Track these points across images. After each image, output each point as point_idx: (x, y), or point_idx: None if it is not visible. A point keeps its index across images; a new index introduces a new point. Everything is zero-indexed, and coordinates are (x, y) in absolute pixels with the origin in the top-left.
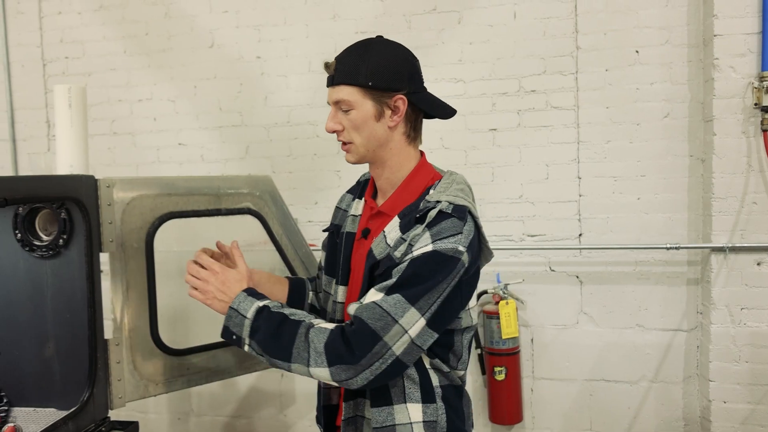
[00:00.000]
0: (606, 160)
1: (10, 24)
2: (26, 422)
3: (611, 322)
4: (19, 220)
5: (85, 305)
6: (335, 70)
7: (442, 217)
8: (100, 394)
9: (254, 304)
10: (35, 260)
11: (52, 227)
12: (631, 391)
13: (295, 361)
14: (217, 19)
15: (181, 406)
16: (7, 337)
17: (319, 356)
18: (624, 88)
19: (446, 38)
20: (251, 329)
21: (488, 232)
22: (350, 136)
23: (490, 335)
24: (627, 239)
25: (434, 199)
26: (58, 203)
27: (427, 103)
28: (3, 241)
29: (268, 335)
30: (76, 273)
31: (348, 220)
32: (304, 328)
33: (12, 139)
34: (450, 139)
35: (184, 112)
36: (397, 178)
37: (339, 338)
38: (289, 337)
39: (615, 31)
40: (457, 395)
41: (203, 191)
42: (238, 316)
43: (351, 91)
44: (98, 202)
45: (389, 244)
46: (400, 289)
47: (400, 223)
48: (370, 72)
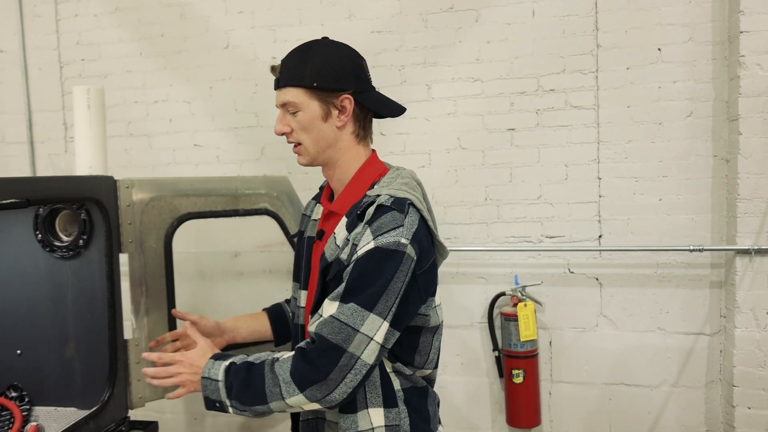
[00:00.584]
0: (627, 161)
1: (27, 27)
2: (48, 421)
3: (631, 325)
4: (39, 221)
5: (105, 306)
6: (280, 72)
7: (381, 211)
8: (120, 394)
9: (222, 366)
10: (56, 261)
11: (72, 228)
12: (652, 395)
13: (271, 400)
14: (233, 20)
15: (197, 407)
16: (28, 338)
17: (288, 385)
18: (645, 86)
19: (463, 37)
20: (226, 389)
21: (506, 234)
22: (299, 137)
23: (508, 338)
24: (648, 241)
25: (375, 193)
26: (78, 204)
27: (374, 102)
28: (24, 242)
29: (242, 387)
30: (96, 273)
31: (309, 225)
32: (268, 365)
33: (30, 142)
34: (467, 140)
35: (200, 114)
36: (347, 177)
37: (301, 361)
38: (258, 380)
39: (636, 28)
40: (421, 396)
41: (221, 192)
42: (212, 383)
43: (296, 92)
44: (118, 202)
45: (338, 245)
46: (353, 296)
47: (347, 222)
48: (314, 73)
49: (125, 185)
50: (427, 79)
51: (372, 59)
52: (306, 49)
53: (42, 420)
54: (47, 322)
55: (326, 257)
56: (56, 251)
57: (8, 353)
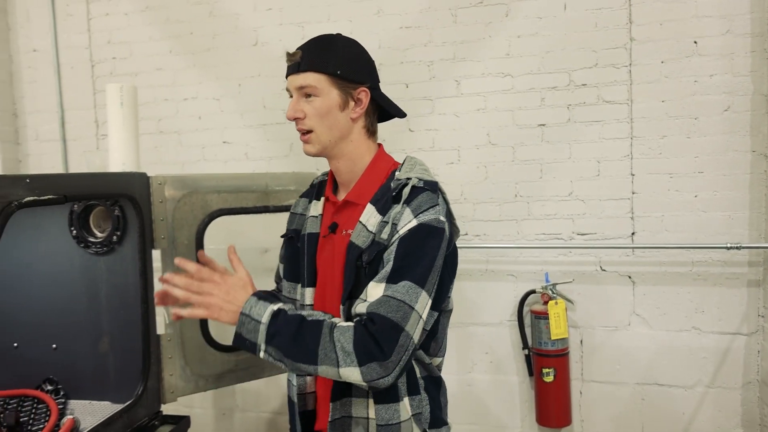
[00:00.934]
0: (661, 156)
1: (59, 26)
2: (82, 415)
3: (665, 325)
4: (74, 217)
5: (138, 301)
6: (302, 57)
7: (416, 191)
8: (153, 389)
9: (268, 308)
10: (90, 256)
11: (106, 224)
12: (686, 396)
13: (322, 363)
14: (261, 17)
15: (226, 402)
16: (63, 332)
17: (348, 356)
18: (681, 80)
19: (493, 32)
20: (267, 334)
21: (537, 231)
22: (312, 124)
23: (539, 336)
24: (683, 239)
25: (403, 177)
26: (111, 200)
27: (384, 99)
28: (59, 238)
29: (289, 339)
30: (129, 269)
31: (308, 222)
32: (327, 327)
33: (62, 139)
34: (497, 136)
35: (229, 111)
36: (359, 169)
37: (366, 335)
38: (311, 338)
39: (671, 21)
40: (435, 386)
41: (251, 188)
42: (252, 322)
43: (319, 78)
44: (151, 199)
45: (371, 231)
46: (404, 274)
47: (377, 207)
48: (338, 61)
49: (158, 182)
50: (456, 74)
51: (400, 55)
52: (327, 39)
53: (77, 413)
54: (82, 317)
55: (357, 245)
56: (90, 247)
57: (44, 347)
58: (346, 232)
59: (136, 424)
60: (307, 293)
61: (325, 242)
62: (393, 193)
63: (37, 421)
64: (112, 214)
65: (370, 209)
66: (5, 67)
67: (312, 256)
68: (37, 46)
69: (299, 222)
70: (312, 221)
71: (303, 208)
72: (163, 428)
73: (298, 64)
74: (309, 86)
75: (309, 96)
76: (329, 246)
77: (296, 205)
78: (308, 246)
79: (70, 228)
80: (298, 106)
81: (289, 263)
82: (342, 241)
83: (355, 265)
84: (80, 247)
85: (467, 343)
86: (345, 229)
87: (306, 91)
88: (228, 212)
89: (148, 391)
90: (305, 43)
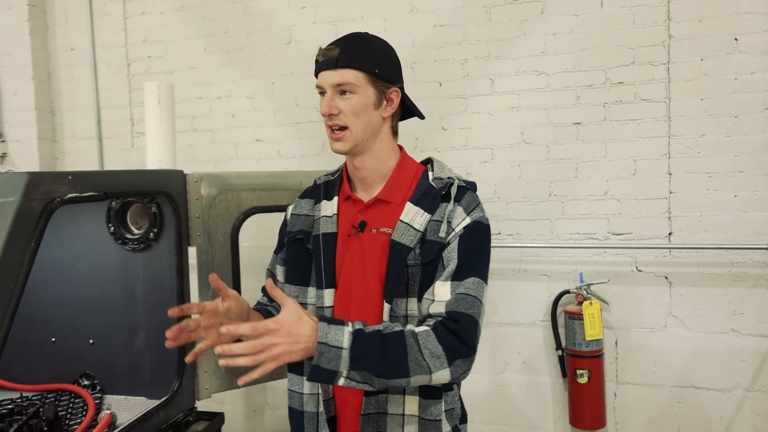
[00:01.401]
0: (700, 155)
1: (96, 25)
2: (119, 410)
3: (703, 327)
4: (112, 214)
5: (174, 297)
6: (340, 53)
7: (462, 191)
8: (188, 385)
9: (344, 331)
10: (127, 253)
11: (143, 221)
12: (724, 399)
13: (414, 374)
14: (295, 16)
15: (257, 399)
16: (100, 328)
17: (438, 359)
18: (721, 78)
19: (528, 29)
20: (351, 359)
21: (571, 230)
22: (347, 121)
23: (573, 336)
24: (722, 239)
25: (444, 176)
26: (149, 198)
27: (409, 100)
28: (97, 234)
29: (377, 358)
30: (166, 266)
31: (320, 223)
32: (410, 337)
33: (98, 137)
34: (531, 134)
35: (262, 109)
36: (386, 169)
37: (449, 336)
38: (398, 352)
39: (711, 17)
40: (456, 383)
41: (286, 186)
42: (331, 350)
43: (357, 75)
44: (187, 196)
45: (418, 228)
46: (470, 270)
47: (422, 206)
48: (376, 60)
49: (194, 179)
50: (490, 72)
51: (434, 53)
52: (362, 37)
53: (113, 408)
54: (118, 313)
55: (404, 244)
56: (127, 244)
57: (82, 342)
58: (378, 230)
59: (171, 419)
60: (327, 295)
61: (349, 241)
62: (442, 192)
63: (74, 416)
64: (149, 211)
65: (413, 208)
66: (43, 65)
67: (331, 256)
68: (75, 45)
69: (305, 223)
70: (326, 221)
71: (308, 209)
72: (197, 425)
73: (336, 60)
74: (347, 83)
75: (345, 93)
76: (356, 245)
77: (297, 206)
78: (326, 246)
79: (107, 225)
80: (333, 102)
81: (294, 266)
82: (374, 240)
83: (403, 264)
84: (117, 244)
85: (499, 343)
86: (375, 228)
87: (343, 88)
88: (262, 210)
89: (184, 388)
90: (339, 40)
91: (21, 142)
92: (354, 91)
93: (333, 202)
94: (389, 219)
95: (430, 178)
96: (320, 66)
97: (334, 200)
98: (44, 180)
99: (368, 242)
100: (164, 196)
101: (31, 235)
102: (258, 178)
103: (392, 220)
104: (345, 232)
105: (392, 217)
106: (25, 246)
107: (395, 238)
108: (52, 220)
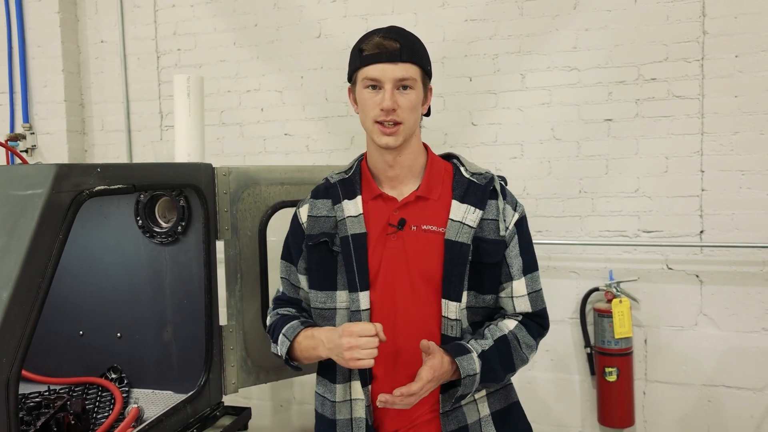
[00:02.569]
0: (733, 153)
1: (127, 18)
2: (146, 404)
3: (734, 326)
4: (140, 207)
5: (202, 291)
6: (402, 48)
7: (502, 186)
8: (215, 379)
9: (473, 358)
10: (155, 246)
11: (171, 215)
12: (755, 399)
13: (518, 367)
14: (325, 9)
15: (284, 394)
16: (128, 321)
17: (532, 348)
18: (756, 75)
19: (560, 25)
20: (481, 376)
21: (601, 228)
22: (405, 116)
23: (602, 334)
24: (755, 237)
25: (481, 171)
26: (177, 191)
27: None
28: (126, 228)
29: (497, 369)
30: (194, 260)
31: (345, 224)
32: (514, 339)
33: (127, 130)
34: (562, 130)
35: (291, 103)
36: (418, 165)
37: (537, 327)
38: (508, 355)
39: (747, 14)
40: None
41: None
42: (470, 379)
43: (417, 70)
44: (215, 190)
45: (472, 226)
46: (530, 265)
47: (471, 203)
48: (427, 57)
49: (223, 173)
50: (521, 68)
51: (465, 48)
52: (408, 32)
53: (140, 402)
54: (146, 306)
55: (461, 242)
56: (155, 237)
57: (109, 336)
58: (420, 227)
59: (198, 414)
60: (362, 298)
61: (387, 240)
62: (490, 188)
63: (101, 409)
64: (177, 204)
65: (461, 206)
66: (73, 57)
67: (363, 257)
68: (105, 38)
69: (327, 225)
70: (352, 221)
71: (327, 210)
72: (224, 419)
73: (399, 53)
74: (410, 78)
75: (406, 88)
76: (396, 243)
77: (313, 207)
78: (356, 247)
79: (136, 218)
80: (394, 96)
81: (319, 271)
82: (418, 238)
83: (463, 262)
84: (145, 237)
85: None
86: (416, 225)
87: (405, 83)
88: (291, 204)
89: (211, 382)
90: (392, 33)
91: (51, 134)
92: (413, 87)
93: (356, 202)
94: (431, 216)
95: (466, 174)
96: (375, 58)
97: (357, 199)
98: (73, 172)
99: (411, 240)
100: (192, 190)
101: (59, 227)
102: (286, 172)
103: (436, 217)
104: (376, 232)
105: (434, 214)
106: (54, 238)
107: (450, 237)
108: (80, 212)
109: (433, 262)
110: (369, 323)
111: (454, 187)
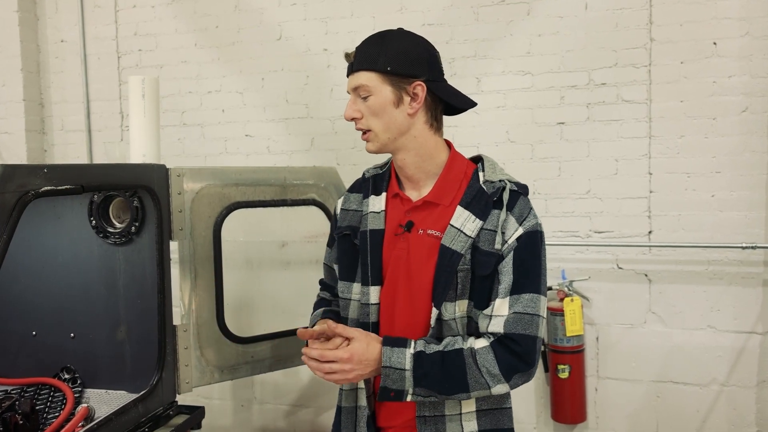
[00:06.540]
0: (679, 156)
1: (87, 18)
2: (98, 404)
3: (681, 323)
4: (94, 207)
5: (155, 291)
6: (354, 57)
7: (514, 196)
8: (168, 379)
9: (406, 354)
10: (109, 247)
11: (125, 215)
12: (701, 394)
13: (473, 390)
14: (286, 12)
15: (245, 394)
16: (82, 321)
17: (494, 378)
18: (700, 81)
19: (514, 30)
20: (414, 379)
21: (554, 228)
22: (369, 123)
23: (554, 332)
24: (700, 238)
25: (495, 179)
26: (130, 191)
27: (445, 92)
28: (79, 228)
29: (438, 377)
30: (147, 260)
31: (368, 218)
32: (469, 356)
33: (88, 130)
34: (516, 133)
35: (252, 104)
36: (434, 166)
37: (508, 355)
38: (458, 370)
39: (691, 22)
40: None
41: (270, 182)
42: (395, 372)
43: (369, 76)
44: (169, 190)
45: (469, 235)
46: (525, 286)
47: (473, 211)
48: (388, 58)
49: (176, 174)
50: (477, 72)
51: None
52: (381, 36)
53: (93, 402)
54: (100, 306)
55: (455, 250)
56: (109, 237)
57: (63, 336)
58: (425, 231)
59: (151, 413)
60: (372, 292)
61: (396, 240)
62: (494, 198)
63: (53, 410)
64: (130, 205)
65: (464, 213)
66: (33, 57)
67: (378, 253)
68: (65, 37)
69: (354, 218)
70: (374, 217)
71: (356, 204)
72: (177, 418)
73: (352, 64)
74: (361, 86)
75: (365, 96)
76: (403, 244)
77: (347, 200)
78: (373, 243)
79: (89, 218)
80: (355, 106)
81: (344, 261)
82: (421, 241)
83: (453, 270)
84: (99, 238)
85: None
86: (422, 229)
87: (360, 91)
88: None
89: (164, 382)
90: (360, 43)
91: (9, 133)
92: (369, 93)
93: (381, 198)
94: (437, 221)
95: (481, 180)
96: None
97: (383, 196)
98: (18, 173)
99: (415, 243)
100: (145, 191)
101: (3, 227)
102: (242, 173)
103: (441, 223)
104: (392, 230)
105: (441, 219)
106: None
107: (445, 243)
108: (33, 213)
109: (428, 267)
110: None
111: (466, 192)
